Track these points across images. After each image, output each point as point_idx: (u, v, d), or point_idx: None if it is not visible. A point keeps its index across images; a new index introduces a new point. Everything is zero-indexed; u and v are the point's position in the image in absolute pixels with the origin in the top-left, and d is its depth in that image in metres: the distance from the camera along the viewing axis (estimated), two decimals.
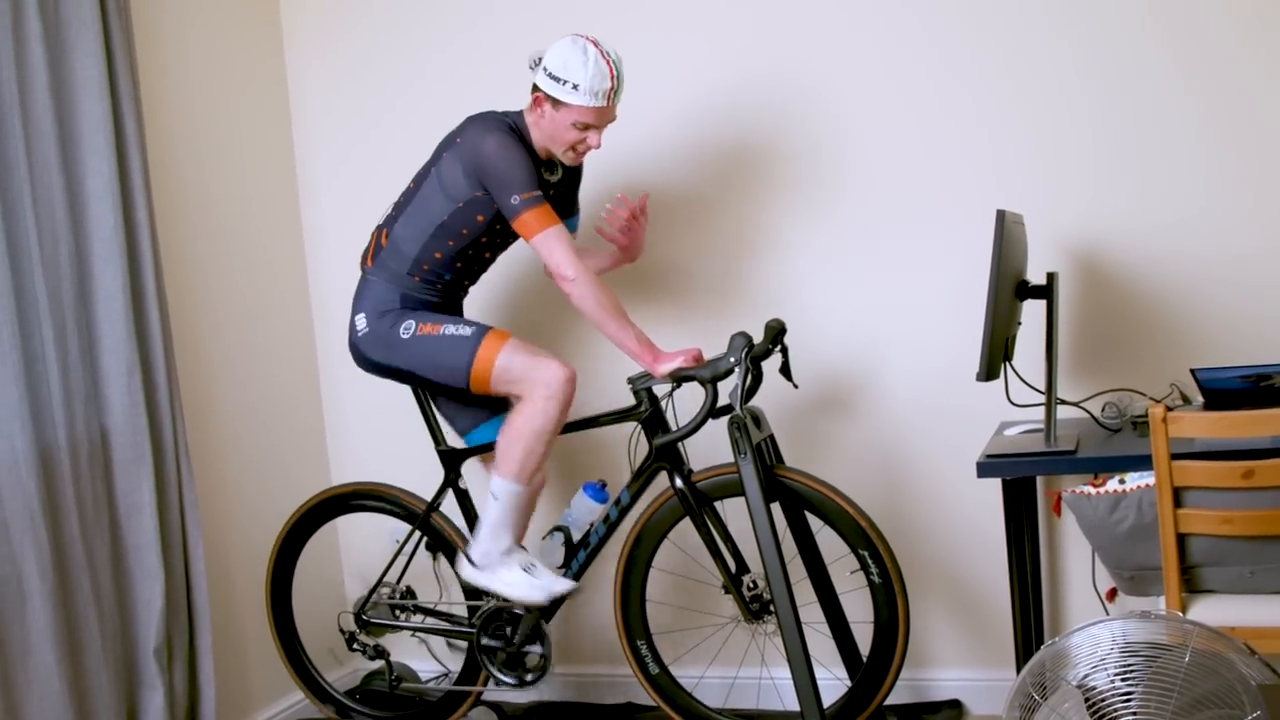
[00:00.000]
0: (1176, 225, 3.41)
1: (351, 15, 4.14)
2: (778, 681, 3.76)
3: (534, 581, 3.31)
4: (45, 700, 3.05)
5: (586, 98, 3.16)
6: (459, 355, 3.24)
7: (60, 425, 3.14)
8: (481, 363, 3.22)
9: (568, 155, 3.27)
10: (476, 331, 3.26)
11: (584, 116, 3.19)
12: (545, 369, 3.21)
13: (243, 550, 3.88)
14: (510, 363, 3.22)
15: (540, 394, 3.21)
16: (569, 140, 3.23)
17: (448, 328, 3.27)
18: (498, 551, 3.34)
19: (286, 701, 4.00)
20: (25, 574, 3.03)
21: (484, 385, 3.25)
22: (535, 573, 3.33)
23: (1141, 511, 2.77)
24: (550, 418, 3.22)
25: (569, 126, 3.21)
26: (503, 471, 3.28)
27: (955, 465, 3.62)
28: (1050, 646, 2.41)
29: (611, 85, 3.18)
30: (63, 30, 3.22)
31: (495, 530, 3.33)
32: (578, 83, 3.16)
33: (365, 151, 4.18)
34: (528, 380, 3.22)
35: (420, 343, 3.27)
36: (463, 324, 3.29)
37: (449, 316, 3.33)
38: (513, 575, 3.33)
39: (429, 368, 3.29)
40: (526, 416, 3.23)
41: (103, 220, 3.28)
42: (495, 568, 3.35)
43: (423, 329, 3.28)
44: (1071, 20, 3.45)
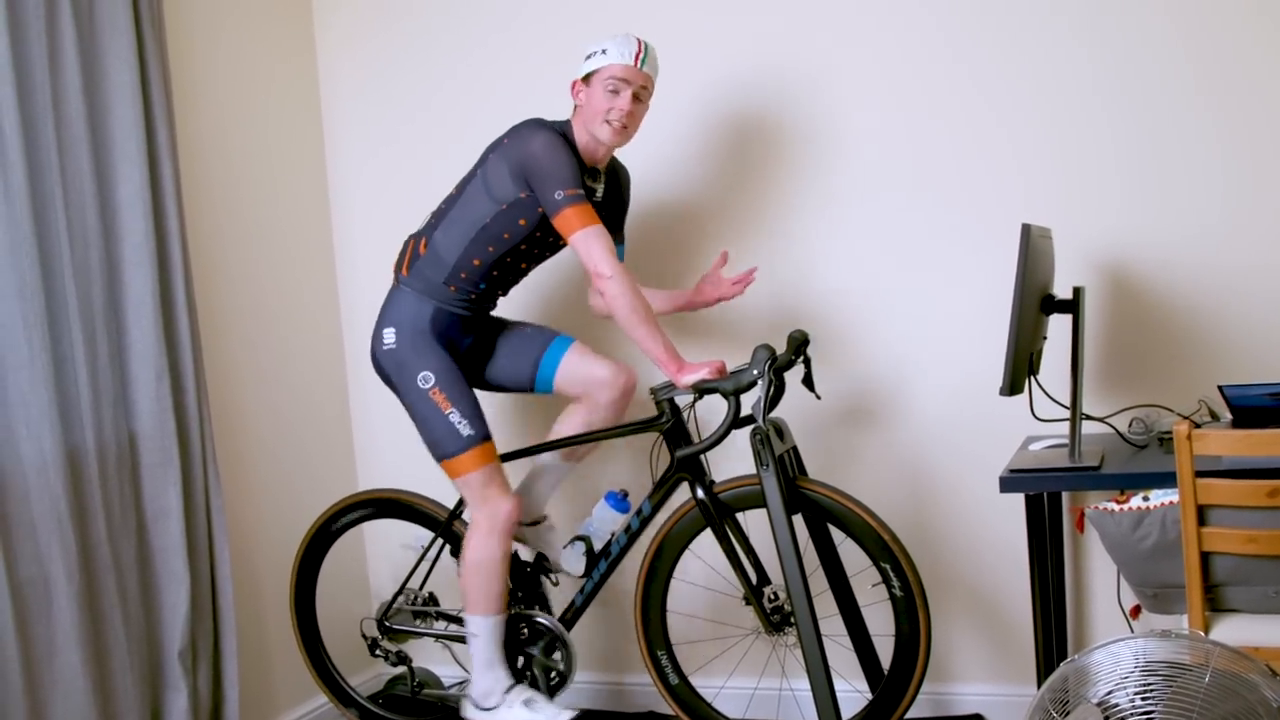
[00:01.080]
0: (1205, 239, 3.40)
1: (382, 20, 4.16)
2: (798, 693, 3.76)
3: (536, 718, 3.39)
4: (70, 701, 3.07)
5: (615, 57, 3.25)
6: (446, 443, 3.33)
7: (88, 428, 3.17)
8: (456, 465, 3.33)
9: (604, 129, 3.27)
10: (472, 438, 3.32)
11: (613, 73, 3.25)
12: (495, 503, 3.35)
13: (268, 555, 3.91)
14: (474, 482, 3.34)
15: (484, 525, 3.36)
16: (603, 110, 3.26)
17: (454, 415, 3.32)
18: (499, 690, 3.43)
19: (310, 705, 4.01)
20: (52, 575, 3.05)
21: (450, 476, 3.37)
22: (536, 708, 3.40)
23: (1165, 529, 2.75)
24: (492, 548, 3.36)
25: (602, 94, 3.26)
26: (469, 610, 3.41)
27: (979, 479, 3.61)
28: (1070, 663, 2.40)
29: (638, 49, 3.26)
30: (96, 36, 3.25)
31: (488, 666, 3.43)
32: (606, 48, 3.27)
33: (396, 157, 4.20)
34: (478, 506, 3.36)
35: (426, 403, 3.33)
36: (467, 420, 3.32)
37: (467, 397, 3.36)
38: (515, 714, 3.41)
39: (420, 424, 3.37)
40: (473, 549, 3.38)
41: (133, 226, 3.31)
42: (498, 708, 3.43)
43: (435, 395, 3.33)
44: (1095, 35, 3.44)
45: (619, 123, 3.25)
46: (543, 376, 3.51)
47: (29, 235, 3.01)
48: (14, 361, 3.00)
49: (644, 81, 3.28)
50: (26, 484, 3.02)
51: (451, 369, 3.36)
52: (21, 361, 3.01)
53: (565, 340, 3.52)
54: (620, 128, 3.26)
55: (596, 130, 3.27)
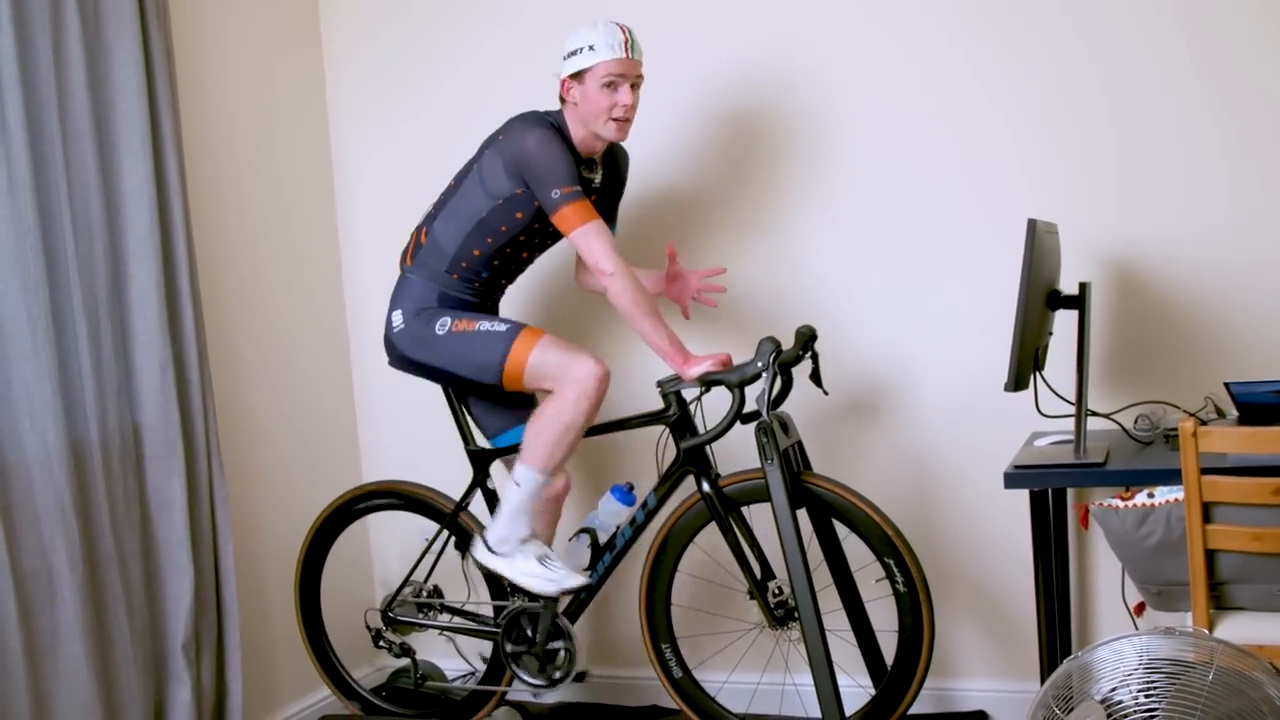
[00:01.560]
0: (1212, 235, 3.39)
1: (387, 14, 4.16)
2: (801, 688, 3.75)
3: (547, 573, 3.33)
4: (74, 692, 3.07)
5: (604, 51, 3.20)
6: (493, 351, 3.25)
7: (92, 420, 3.17)
8: (515, 358, 3.24)
9: (609, 127, 3.25)
10: (511, 328, 3.27)
11: (608, 70, 3.20)
12: (579, 365, 3.22)
13: (272, 547, 3.91)
14: (544, 358, 3.23)
15: (573, 389, 3.22)
16: (603, 108, 3.23)
17: (483, 324, 3.29)
18: (515, 539, 3.36)
19: (313, 698, 4.02)
20: (56, 567, 3.05)
21: (517, 381, 3.26)
22: (549, 565, 3.35)
23: (1170, 526, 2.74)
24: (581, 412, 3.23)
25: (599, 92, 3.22)
26: (528, 460, 3.29)
27: (984, 475, 3.60)
28: (1073, 660, 2.40)
29: (624, 37, 3.22)
30: (101, 29, 3.24)
31: (514, 516, 3.34)
32: (592, 44, 3.21)
33: (401, 150, 4.20)
34: (561, 376, 3.23)
35: (455, 339, 3.29)
36: (498, 321, 3.30)
37: (485, 315, 3.35)
38: (527, 564, 3.35)
39: (462, 364, 3.30)
40: (557, 409, 3.24)
41: (138, 218, 3.31)
42: (511, 555, 3.36)
43: (458, 325, 3.29)
44: (1100, 31, 3.44)
45: (624, 117, 3.24)
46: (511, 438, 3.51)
47: (33, 228, 3.01)
48: (18, 353, 3.01)
49: (638, 70, 3.26)
50: (30, 476, 3.03)
51: (461, 308, 3.35)
52: (26, 353, 3.01)
53: None
54: (624, 122, 3.25)
55: (600, 129, 3.26)
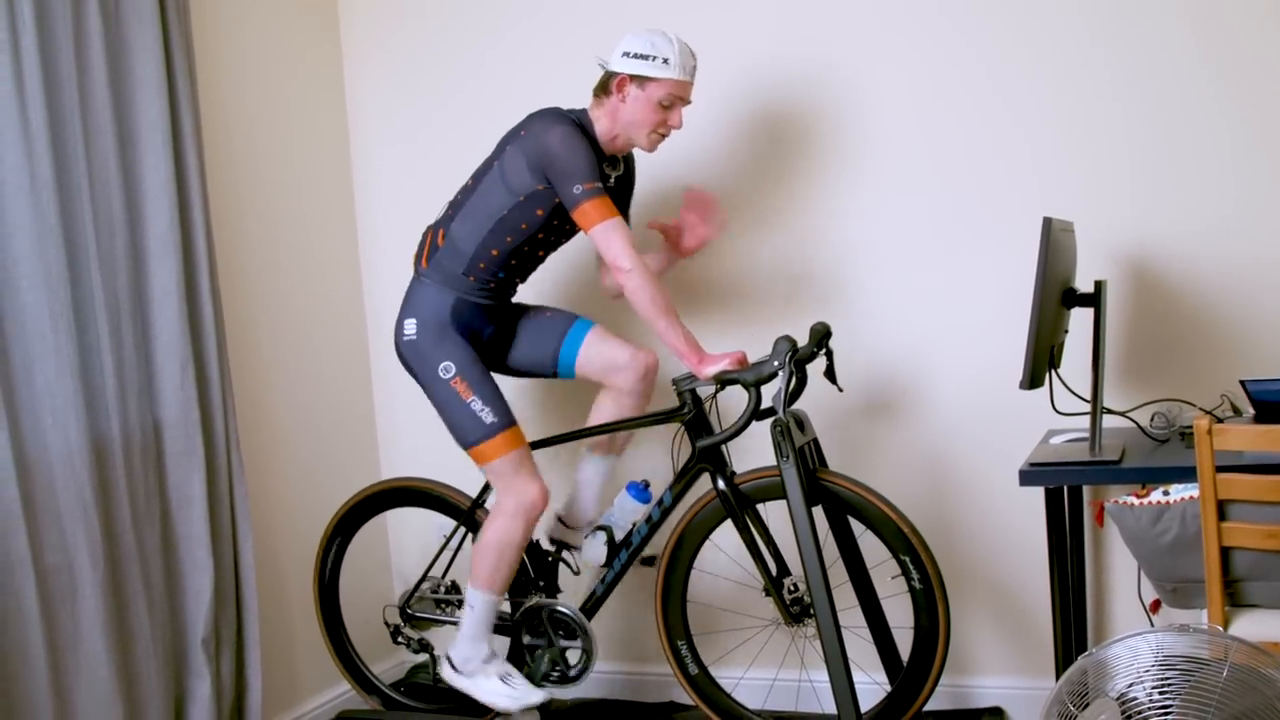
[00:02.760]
0: (1228, 232, 3.38)
1: (407, 11, 4.18)
2: (816, 684, 3.76)
3: (510, 691, 3.45)
4: (94, 687, 3.10)
5: (677, 71, 3.23)
6: (470, 431, 3.34)
7: (114, 417, 3.20)
8: (483, 451, 3.35)
9: (650, 139, 3.29)
10: (495, 425, 3.33)
11: (675, 90, 3.24)
12: (523, 488, 3.36)
13: (291, 543, 3.93)
14: (502, 468, 3.36)
15: (510, 508, 3.36)
16: (653, 122, 3.26)
17: (475, 402, 3.33)
18: (477, 659, 3.47)
19: (333, 692, 4.04)
20: (77, 563, 3.08)
21: (477, 463, 3.39)
22: (511, 683, 3.46)
23: (1185, 524, 2.74)
24: (515, 532, 3.37)
25: (656, 106, 3.25)
26: (475, 582, 3.42)
27: (999, 472, 3.60)
28: (1089, 657, 2.40)
29: (694, 63, 3.27)
30: (122, 28, 3.27)
31: (475, 638, 3.46)
32: (669, 57, 3.23)
33: (419, 147, 4.21)
34: (505, 490, 3.37)
35: (449, 394, 3.35)
36: (489, 408, 3.34)
37: (488, 385, 3.37)
38: (490, 684, 3.46)
39: (443, 414, 3.38)
40: (495, 529, 3.38)
41: (159, 216, 3.33)
42: (474, 674, 3.47)
43: (457, 384, 3.34)
44: (1114, 30, 3.44)
45: (666, 135, 3.29)
46: (564, 361, 3.52)
47: (55, 226, 3.04)
48: (40, 351, 3.03)
49: (691, 96, 3.31)
50: (52, 472, 3.05)
51: (472, 359, 3.37)
52: (48, 351, 3.04)
53: (585, 324, 3.54)
54: (663, 139, 3.30)
55: (638, 138, 3.29)
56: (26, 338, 3.02)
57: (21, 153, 2.99)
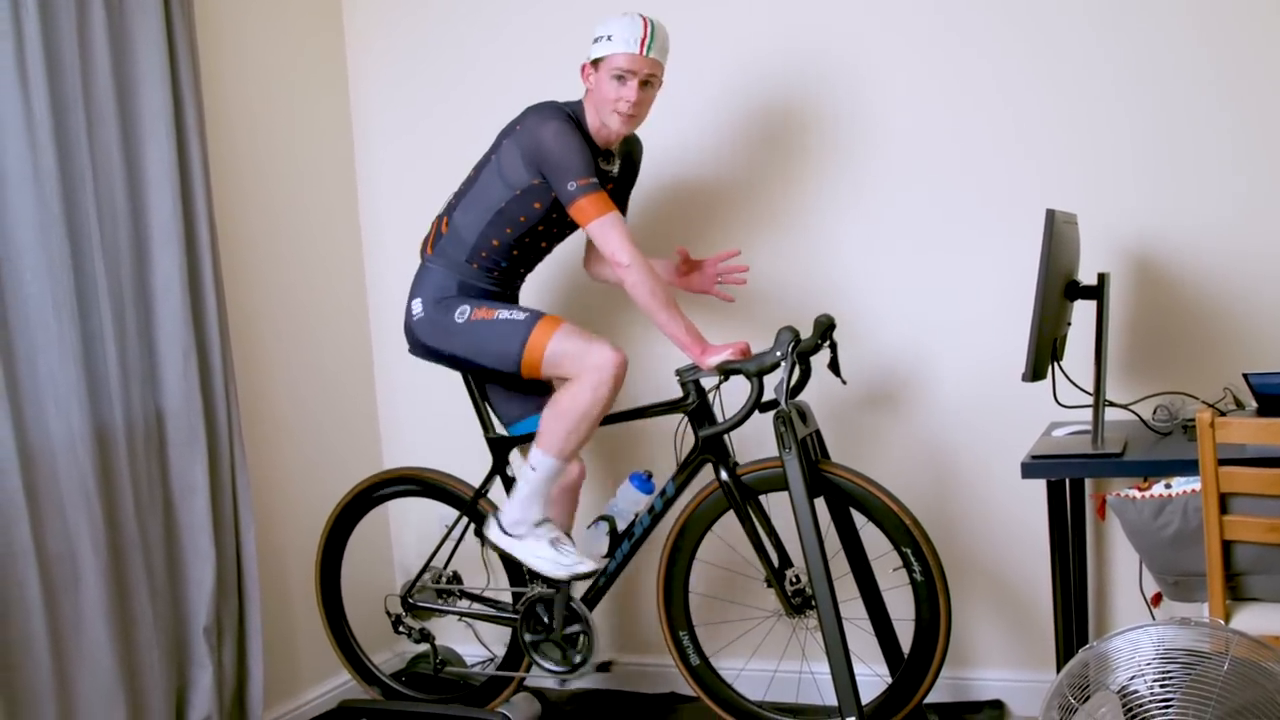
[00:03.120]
0: (1232, 225, 3.38)
1: (409, 3, 4.17)
2: (818, 676, 3.77)
3: (559, 557, 3.36)
4: (96, 675, 3.11)
5: (619, 44, 3.22)
6: (511, 339, 3.27)
7: (117, 406, 3.20)
8: (533, 347, 3.25)
9: (614, 118, 3.27)
10: (530, 317, 3.29)
11: (620, 63, 3.22)
12: (597, 353, 3.23)
13: (293, 533, 3.94)
14: (562, 346, 3.25)
15: (591, 377, 3.23)
16: (611, 98, 3.25)
17: (501, 313, 3.30)
18: (529, 521, 3.38)
19: (333, 682, 4.05)
20: (79, 551, 3.08)
21: (535, 370, 3.28)
22: (561, 549, 3.38)
23: (1187, 517, 2.74)
24: (598, 399, 3.24)
25: (609, 82, 3.24)
26: (544, 445, 3.30)
27: (1001, 464, 3.60)
28: (1090, 650, 2.40)
29: (644, 34, 3.22)
30: (126, 18, 3.27)
31: (529, 499, 3.37)
32: (611, 34, 3.23)
33: (422, 138, 4.21)
34: (578, 364, 3.24)
35: (474, 327, 3.31)
36: (517, 309, 3.32)
37: (504, 303, 3.37)
38: (540, 547, 3.38)
39: (481, 352, 3.32)
40: (574, 395, 3.25)
41: (162, 206, 3.34)
42: (524, 537, 3.39)
43: (477, 314, 3.31)
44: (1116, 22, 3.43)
45: (627, 112, 3.25)
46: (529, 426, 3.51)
47: (58, 215, 3.04)
48: (43, 340, 3.04)
49: (651, 69, 3.25)
50: (55, 461, 3.06)
51: (481, 294, 3.37)
52: (51, 340, 3.04)
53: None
54: (628, 117, 3.26)
55: (606, 119, 3.28)
56: (30, 327, 3.02)
57: (25, 142, 2.99)
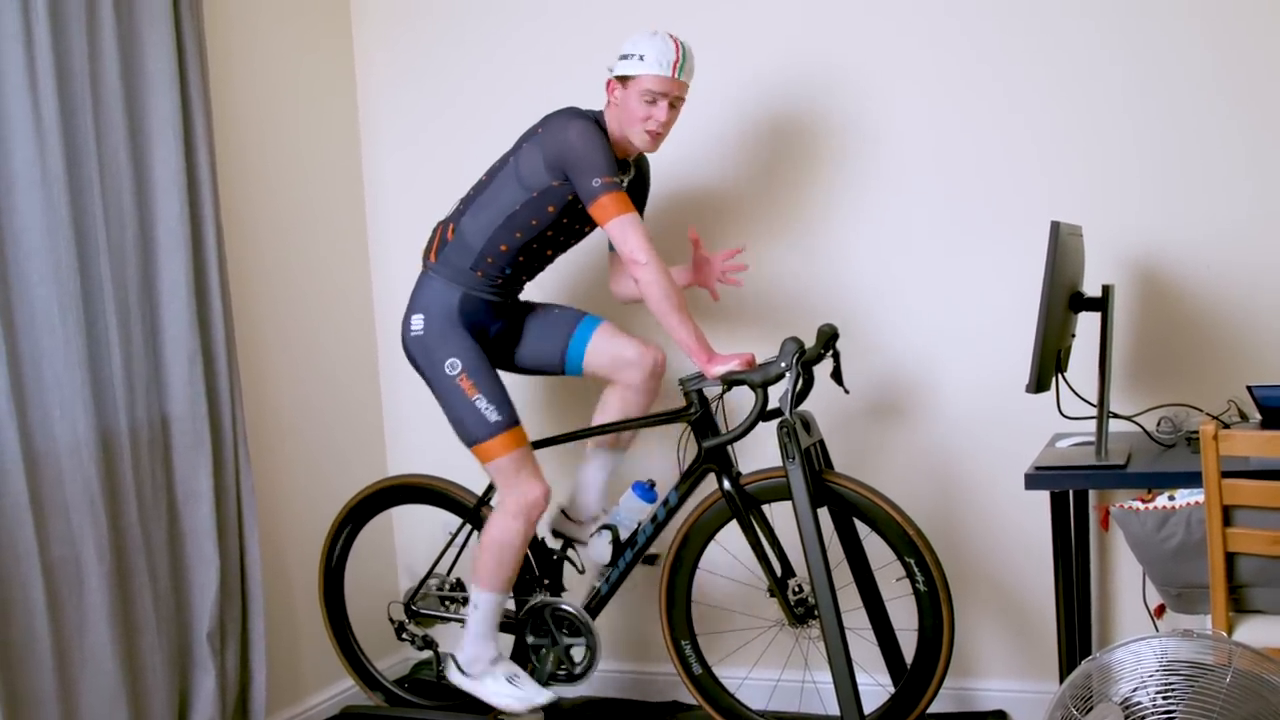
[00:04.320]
0: (1236, 237, 3.38)
1: (418, 7, 4.18)
2: (820, 686, 3.76)
3: (517, 692, 3.47)
4: (99, 679, 3.11)
5: (652, 66, 3.22)
6: (474, 429, 3.35)
7: (122, 410, 3.20)
8: (486, 449, 3.36)
9: (642, 137, 3.28)
10: (500, 423, 3.34)
11: (651, 85, 3.23)
12: (526, 487, 3.37)
13: (297, 538, 3.94)
14: (504, 466, 3.37)
15: (512, 508, 3.38)
16: (640, 117, 3.26)
17: (480, 400, 3.34)
18: (484, 659, 3.49)
19: (336, 688, 4.05)
20: (83, 556, 3.09)
21: (480, 461, 3.40)
22: (518, 683, 3.48)
23: (1190, 529, 2.74)
24: (515, 532, 3.39)
25: (638, 102, 3.24)
26: (480, 583, 3.45)
27: (1005, 475, 3.60)
28: (1093, 661, 2.40)
29: (676, 57, 3.23)
30: (135, 23, 3.28)
31: (481, 638, 3.48)
32: (644, 54, 3.23)
33: (429, 144, 4.22)
34: (507, 488, 3.38)
35: (454, 391, 3.36)
36: (494, 406, 3.35)
37: (493, 383, 3.38)
38: (497, 685, 3.48)
39: (447, 409, 3.39)
40: (496, 528, 3.40)
41: (169, 210, 3.34)
42: (481, 676, 3.49)
43: (462, 381, 3.35)
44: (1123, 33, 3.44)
45: (655, 131, 3.27)
46: (572, 357, 3.53)
47: (66, 220, 3.05)
48: (49, 344, 3.04)
49: (680, 91, 3.28)
50: (60, 465, 3.06)
51: (478, 356, 3.38)
52: (56, 344, 3.05)
53: (594, 320, 3.54)
54: (655, 135, 3.28)
55: (632, 136, 3.29)
56: (36, 330, 3.03)
57: (33, 146, 3.00)
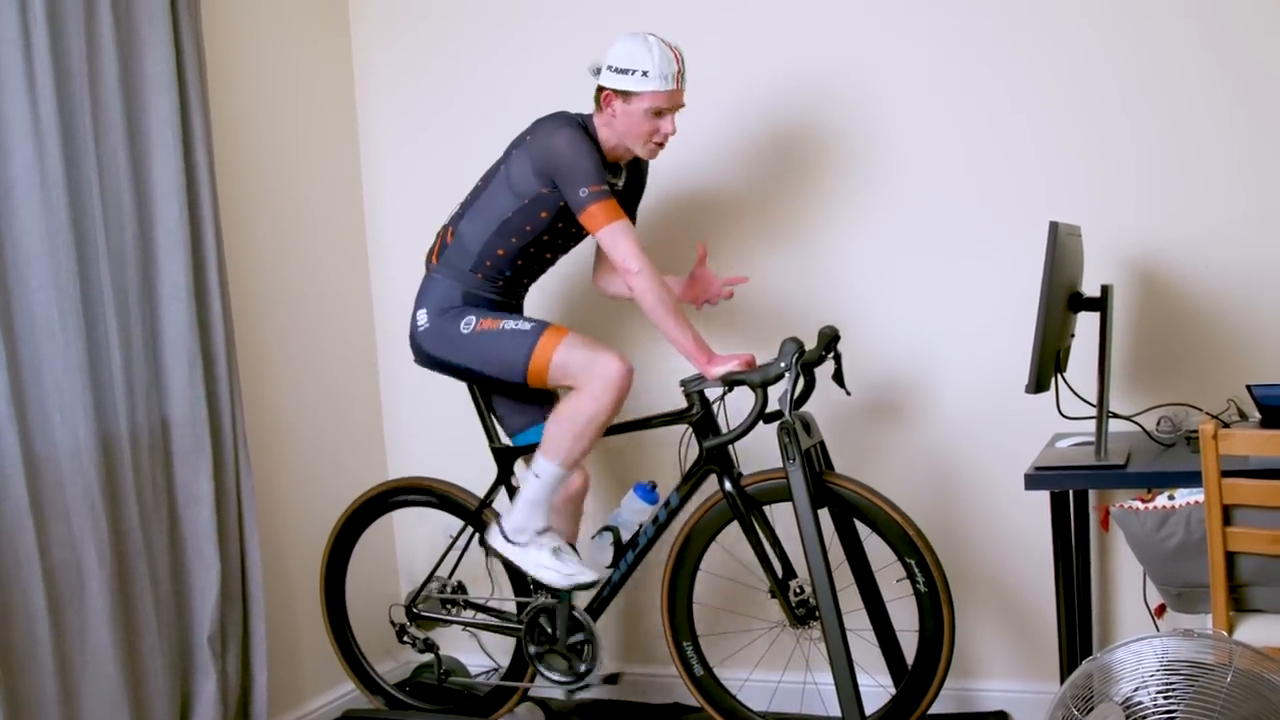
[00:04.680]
0: (1235, 237, 3.38)
1: (416, 10, 4.18)
2: (821, 687, 3.76)
3: (561, 566, 3.36)
4: (100, 683, 3.11)
5: (656, 82, 3.19)
6: (518, 349, 3.27)
7: (122, 414, 3.20)
8: (539, 357, 3.25)
9: (647, 148, 3.28)
10: (535, 327, 3.29)
11: (656, 101, 3.21)
12: (603, 362, 3.23)
13: (298, 542, 3.94)
14: (569, 356, 3.25)
15: (597, 385, 3.23)
16: (645, 131, 3.24)
17: (507, 323, 3.31)
18: (531, 529, 3.39)
19: (337, 691, 4.05)
20: (84, 560, 3.09)
21: (541, 379, 3.28)
22: (563, 558, 3.38)
23: (1190, 528, 2.74)
24: (604, 407, 3.24)
25: (643, 117, 3.23)
26: (549, 452, 3.30)
27: (1005, 476, 3.60)
28: (1093, 661, 2.40)
29: (678, 67, 3.22)
30: (134, 25, 3.28)
31: (532, 507, 3.37)
32: (646, 69, 3.19)
33: (428, 146, 4.22)
34: (585, 372, 3.24)
35: (480, 338, 3.31)
36: (522, 320, 3.32)
37: (509, 314, 3.38)
38: (542, 556, 3.38)
39: (487, 362, 3.32)
40: (580, 404, 3.25)
41: (168, 213, 3.34)
42: (526, 545, 3.40)
43: (483, 324, 3.31)
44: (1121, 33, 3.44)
45: (663, 143, 3.27)
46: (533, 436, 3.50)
47: (65, 223, 3.05)
48: (49, 348, 3.04)
49: (682, 99, 3.28)
50: (60, 469, 3.06)
51: (487, 307, 3.37)
52: (57, 348, 3.05)
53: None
54: (662, 146, 3.28)
55: (636, 149, 3.28)
56: (35, 335, 3.03)
57: (32, 150, 3.00)
